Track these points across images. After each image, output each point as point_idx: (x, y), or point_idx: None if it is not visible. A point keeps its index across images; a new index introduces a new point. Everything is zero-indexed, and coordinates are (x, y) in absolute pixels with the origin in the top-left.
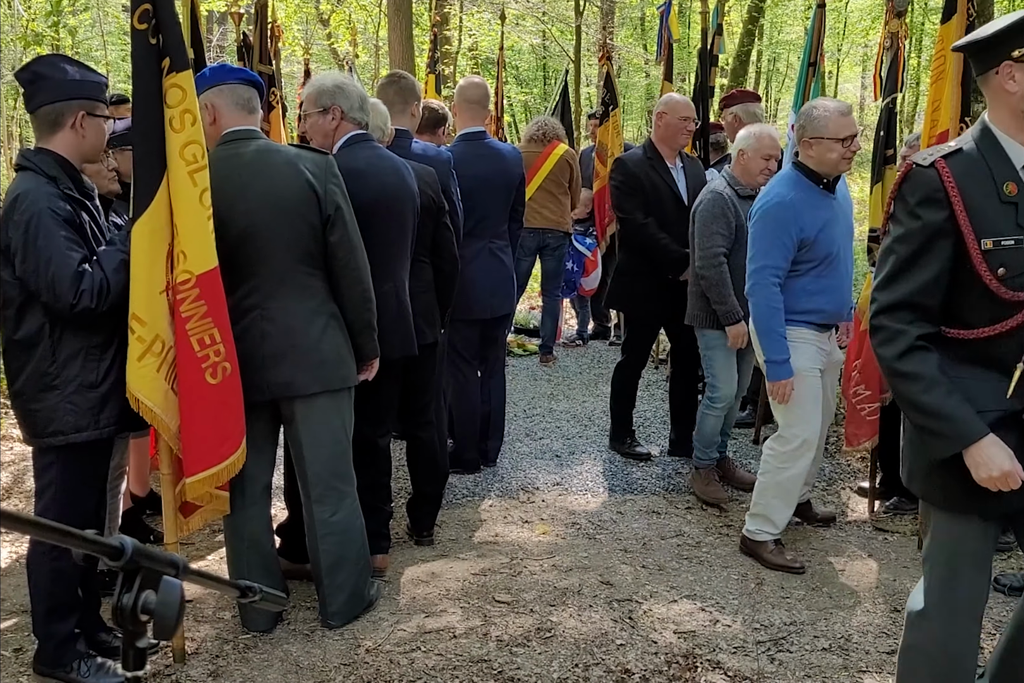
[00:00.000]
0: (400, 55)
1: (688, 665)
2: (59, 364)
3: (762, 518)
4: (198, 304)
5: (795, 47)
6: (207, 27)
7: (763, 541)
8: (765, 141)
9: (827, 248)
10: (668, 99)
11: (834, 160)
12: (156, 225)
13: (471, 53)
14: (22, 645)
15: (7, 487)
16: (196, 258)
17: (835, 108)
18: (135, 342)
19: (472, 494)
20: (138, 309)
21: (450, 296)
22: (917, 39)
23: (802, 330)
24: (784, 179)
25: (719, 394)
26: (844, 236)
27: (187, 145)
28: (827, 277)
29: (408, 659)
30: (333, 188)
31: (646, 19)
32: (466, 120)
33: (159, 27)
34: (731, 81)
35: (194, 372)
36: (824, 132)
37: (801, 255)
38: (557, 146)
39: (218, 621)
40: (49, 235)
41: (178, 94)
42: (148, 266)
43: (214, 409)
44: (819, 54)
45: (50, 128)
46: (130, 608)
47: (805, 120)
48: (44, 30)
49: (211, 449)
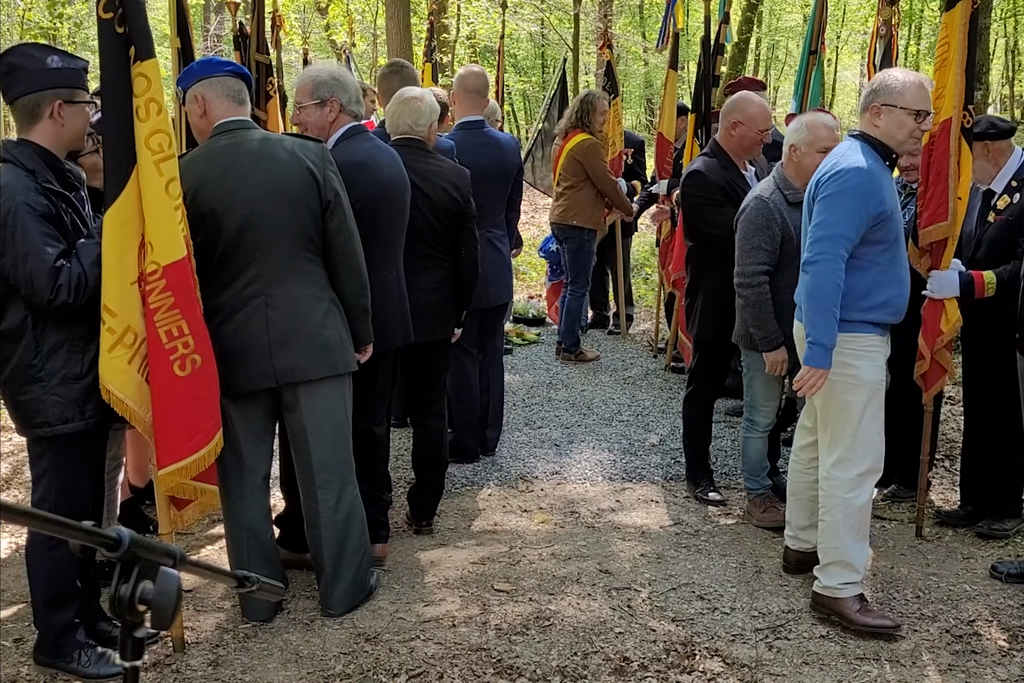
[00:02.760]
0: (398, 44)
1: (686, 653)
2: (43, 356)
3: (839, 565)
4: (165, 295)
5: (794, 34)
6: (203, 16)
7: (846, 598)
8: (820, 132)
9: (897, 228)
10: (745, 106)
11: (902, 135)
12: (126, 216)
13: (469, 42)
14: (22, 635)
15: (7, 477)
16: (162, 248)
17: (915, 78)
18: (106, 333)
19: (471, 483)
20: (109, 300)
21: (469, 299)
22: (916, 26)
23: (872, 337)
24: (853, 149)
25: (760, 418)
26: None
27: (153, 134)
28: (896, 265)
29: (408, 648)
30: (331, 175)
31: (645, 7)
32: (465, 109)
33: (125, 16)
34: (730, 68)
35: (163, 364)
36: (898, 100)
37: (874, 233)
38: (569, 141)
39: (218, 611)
40: (26, 230)
41: (143, 83)
42: (119, 257)
43: (184, 401)
44: (820, 42)
45: (29, 119)
46: (128, 598)
47: (879, 85)
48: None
49: (181, 442)
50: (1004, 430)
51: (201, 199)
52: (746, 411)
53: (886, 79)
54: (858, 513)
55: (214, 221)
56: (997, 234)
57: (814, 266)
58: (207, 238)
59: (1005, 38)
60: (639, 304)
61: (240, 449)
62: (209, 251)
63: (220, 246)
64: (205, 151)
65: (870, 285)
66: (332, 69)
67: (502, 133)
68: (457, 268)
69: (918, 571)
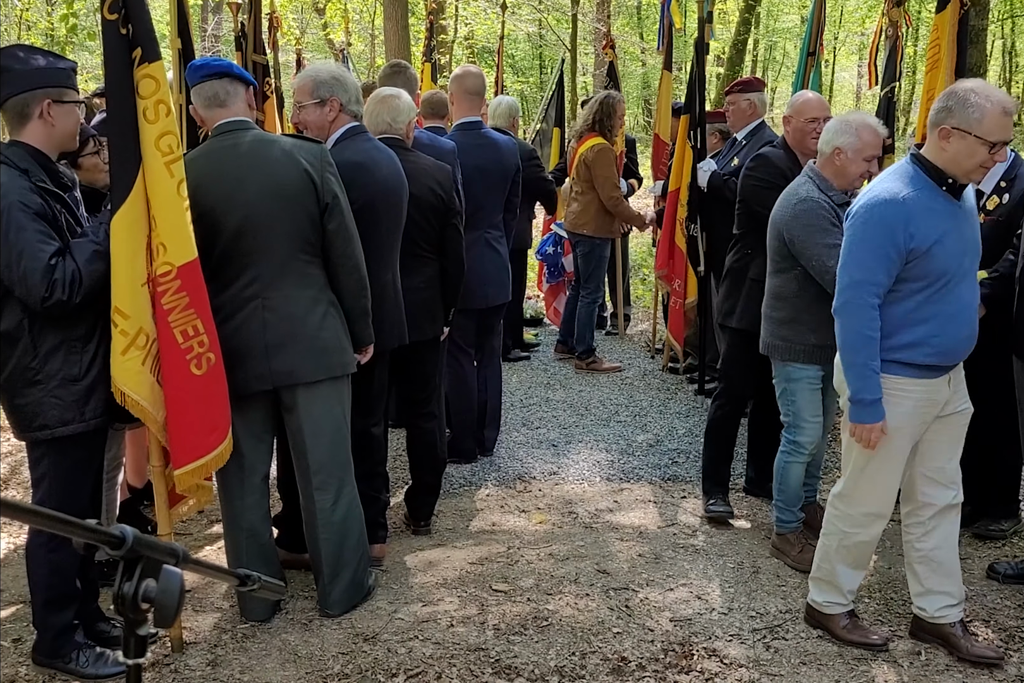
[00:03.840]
0: (396, 44)
1: (684, 653)
2: (41, 358)
3: (828, 585)
4: (180, 295)
5: (791, 35)
6: (201, 16)
7: (834, 614)
8: (868, 138)
9: (943, 265)
10: (794, 99)
11: (970, 165)
12: (134, 217)
13: (467, 42)
14: (21, 635)
15: (5, 478)
16: (176, 249)
17: (997, 102)
18: (118, 336)
19: (469, 483)
20: (120, 302)
21: (456, 295)
22: (914, 28)
23: (899, 379)
24: (897, 173)
25: (804, 438)
26: (967, 254)
27: (162, 136)
28: (939, 302)
29: (406, 648)
30: (329, 177)
31: (642, 8)
32: (464, 110)
33: (129, 17)
34: (727, 70)
35: (179, 364)
36: (974, 128)
37: (908, 271)
38: (583, 144)
39: (216, 611)
40: (20, 228)
41: (151, 85)
42: (129, 259)
43: (200, 400)
44: (819, 43)
45: (19, 120)
46: (131, 597)
47: (955, 103)
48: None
49: (199, 440)
50: (1001, 432)
51: (198, 200)
52: (786, 431)
53: (965, 98)
54: (856, 548)
55: (211, 222)
56: (987, 234)
57: (840, 317)
58: (205, 239)
59: (1002, 39)
60: (636, 304)
61: (240, 449)
62: (207, 252)
63: (218, 248)
64: (203, 152)
65: (900, 322)
66: (332, 69)
67: (500, 135)
68: (443, 265)
69: None
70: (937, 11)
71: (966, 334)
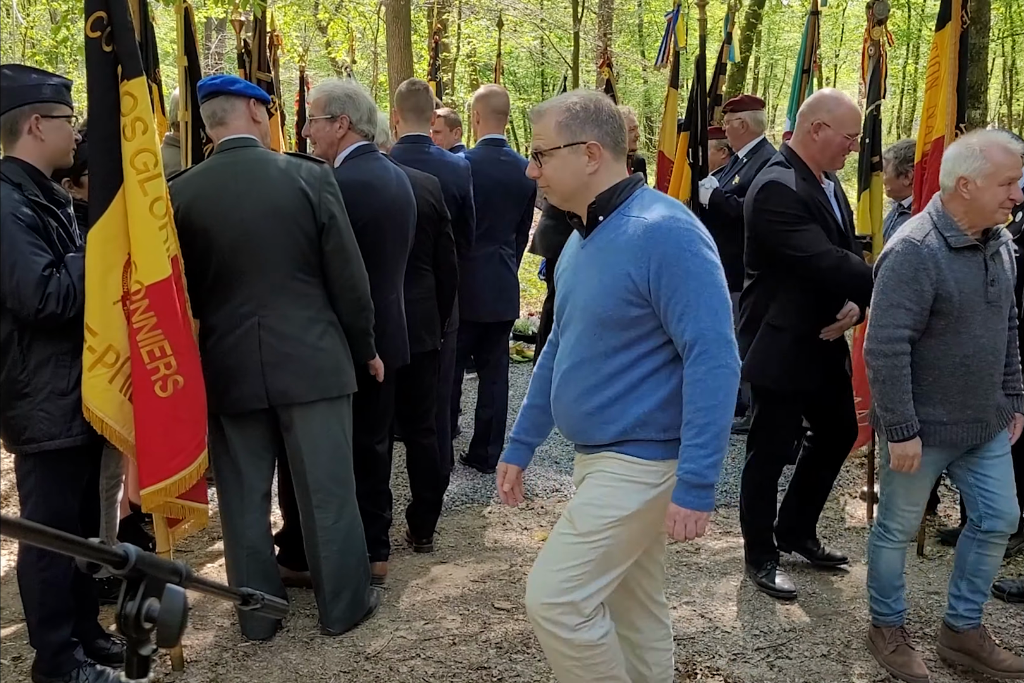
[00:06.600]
0: (399, 61)
1: (687, 672)
2: (30, 371)
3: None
4: (148, 315)
5: (792, 53)
6: (205, 34)
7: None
8: (1000, 159)
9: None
10: (833, 105)
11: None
12: (110, 234)
13: (469, 60)
14: (21, 653)
15: (6, 494)
16: (146, 268)
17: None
18: (87, 352)
19: (471, 500)
20: (90, 319)
21: (449, 306)
22: (914, 46)
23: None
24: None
25: (896, 523)
26: None
27: (138, 153)
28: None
29: (408, 666)
30: (328, 197)
31: (644, 26)
32: (489, 127)
33: (113, 35)
34: (729, 87)
35: (144, 384)
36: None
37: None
38: None
39: (217, 629)
40: (13, 240)
41: (130, 102)
42: (101, 275)
43: (164, 422)
44: (812, 61)
45: (10, 136)
46: (134, 616)
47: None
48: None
49: (161, 462)
50: None
51: (195, 217)
52: (879, 513)
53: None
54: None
55: (207, 240)
56: None
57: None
58: (201, 257)
59: (1003, 57)
60: None
61: (239, 467)
62: (203, 270)
63: (213, 266)
64: (202, 169)
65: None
66: (348, 86)
67: (521, 156)
68: (437, 276)
69: (919, 590)
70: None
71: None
